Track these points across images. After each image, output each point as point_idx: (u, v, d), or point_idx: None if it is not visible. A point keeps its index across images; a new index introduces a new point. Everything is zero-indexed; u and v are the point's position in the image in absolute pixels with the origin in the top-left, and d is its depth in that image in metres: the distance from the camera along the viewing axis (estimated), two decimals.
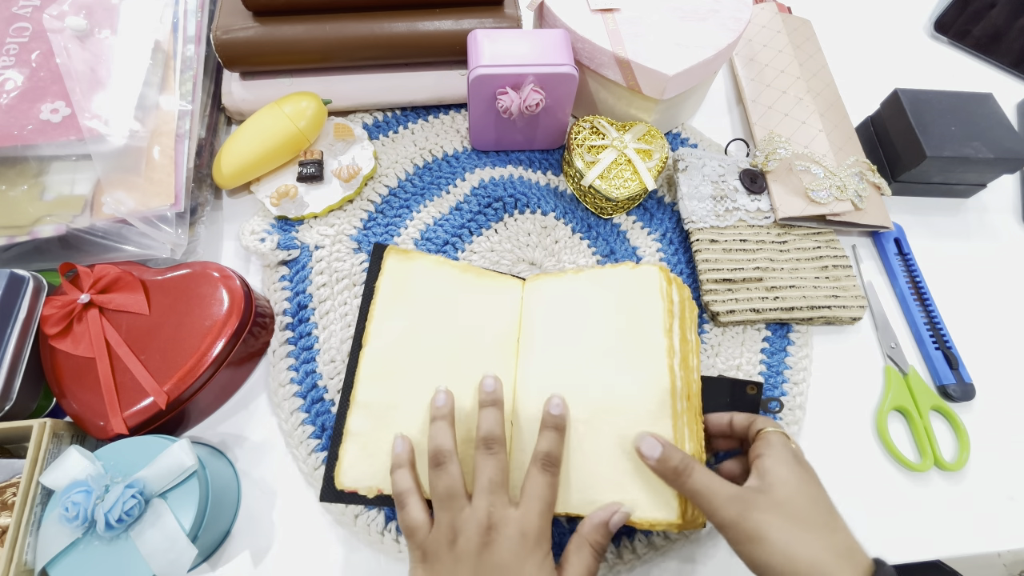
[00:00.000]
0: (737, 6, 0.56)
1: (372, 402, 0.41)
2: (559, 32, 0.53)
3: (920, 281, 0.56)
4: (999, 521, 0.46)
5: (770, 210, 0.55)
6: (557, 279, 0.46)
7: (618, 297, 0.43)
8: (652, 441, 0.36)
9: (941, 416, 0.50)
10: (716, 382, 0.44)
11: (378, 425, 0.41)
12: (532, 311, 0.45)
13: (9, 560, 0.34)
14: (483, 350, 0.44)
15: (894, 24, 0.77)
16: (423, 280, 0.45)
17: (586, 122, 0.55)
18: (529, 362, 0.43)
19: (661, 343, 0.40)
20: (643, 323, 0.41)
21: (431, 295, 0.45)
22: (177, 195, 0.47)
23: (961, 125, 0.57)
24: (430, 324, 0.44)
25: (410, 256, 0.46)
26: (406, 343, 0.43)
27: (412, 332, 0.43)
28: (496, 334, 0.44)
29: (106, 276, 0.43)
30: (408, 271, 0.45)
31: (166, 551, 0.35)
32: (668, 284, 0.42)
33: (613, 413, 0.39)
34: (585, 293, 0.44)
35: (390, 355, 0.43)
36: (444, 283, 0.45)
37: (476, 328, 0.44)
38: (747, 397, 0.44)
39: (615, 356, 0.41)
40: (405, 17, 0.54)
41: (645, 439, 0.36)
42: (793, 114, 0.60)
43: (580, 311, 0.43)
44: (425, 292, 0.45)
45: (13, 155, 0.46)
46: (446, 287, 0.45)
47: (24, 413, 0.42)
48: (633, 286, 0.43)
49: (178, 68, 0.51)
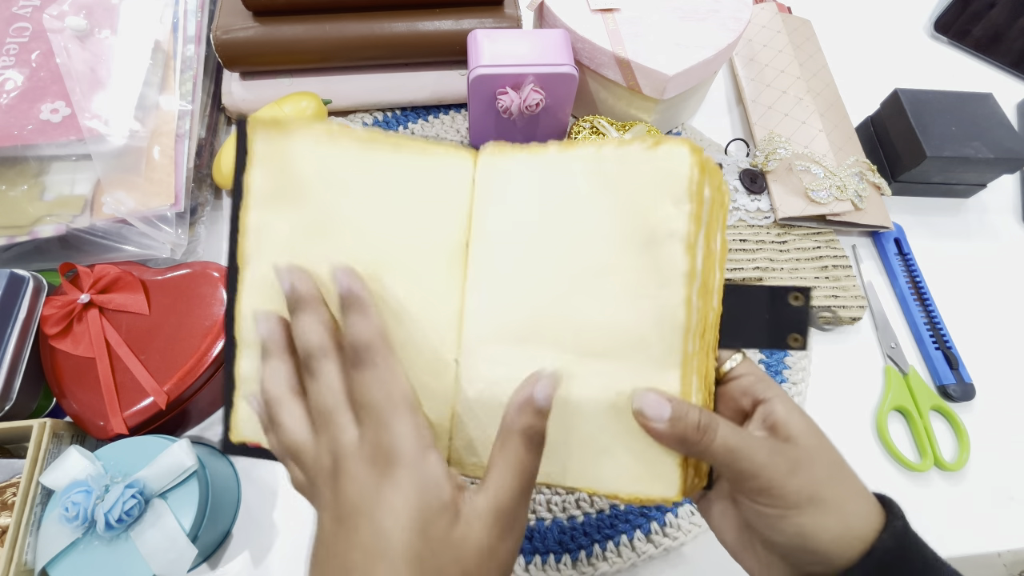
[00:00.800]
0: (737, 6, 0.56)
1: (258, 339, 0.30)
2: (559, 32, 0.52)
3: (920, 281, 0.56)
4: (999, 521, 0.46)
5: (770, 210, 0.55)
6: (532, 157, 0.31)
7: (623, 191, 0.29)
8: (656, 399, 0.27)
9: (941, 416, 0.50)
10: (749, 293, 0.31)
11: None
12: (490, 201, 0.31)
13: (9, 560, 0.34)
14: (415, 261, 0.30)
15: (894, 24, 0.77)
16: (311, 163, 0.31)
17: (586, 122, 0.55)
18: (483, 281, 0.31)
19: (680, 264, 0.28)
20: (657, 232, 0.28)
21: (325, 183, 0.30)
22: (177, 195, 0.47)
23: (961, 125, 0.57)
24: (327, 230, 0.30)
25: (286, 130, 0.30)
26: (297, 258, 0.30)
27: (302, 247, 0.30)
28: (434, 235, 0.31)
29: (106, 276, 0.43)
30: (287, 154, 0.30)
31: (166, 551, 0.35)
32: (701, 175, 0.28)
33: (603, 358, 0.29)
34: (574, 182, 0.30)
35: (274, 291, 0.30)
36: (343, 161, 0.31)
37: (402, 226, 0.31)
38: (789, 311, 0.30)
39: (611, 278, 0.29)
40: (405, 17, 0.54)
41: (647, 397, 0.27)
42: (793, 114, 0.60)
43: (564, 208, 0.30)
44: (316, 181, 0.30)
45: (13, 155, 0.46)
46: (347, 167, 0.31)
47: (24, 413, 0.42)
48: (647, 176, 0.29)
49: (178, 68, 0.51)
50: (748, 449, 0.26)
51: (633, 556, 0.42)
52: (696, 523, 0.43)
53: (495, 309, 0.30)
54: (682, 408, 0.26)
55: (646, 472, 0.28)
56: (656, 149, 0.29)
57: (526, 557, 0.41)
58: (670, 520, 0.43)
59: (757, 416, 0.28)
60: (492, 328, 0.30)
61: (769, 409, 0.28)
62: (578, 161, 0.30)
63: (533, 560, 0.41)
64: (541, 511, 0.43)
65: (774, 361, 0.50)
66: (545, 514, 0.43)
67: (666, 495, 0.28)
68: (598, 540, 0.42)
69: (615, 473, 0.29)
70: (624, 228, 0.29)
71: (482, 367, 0.30)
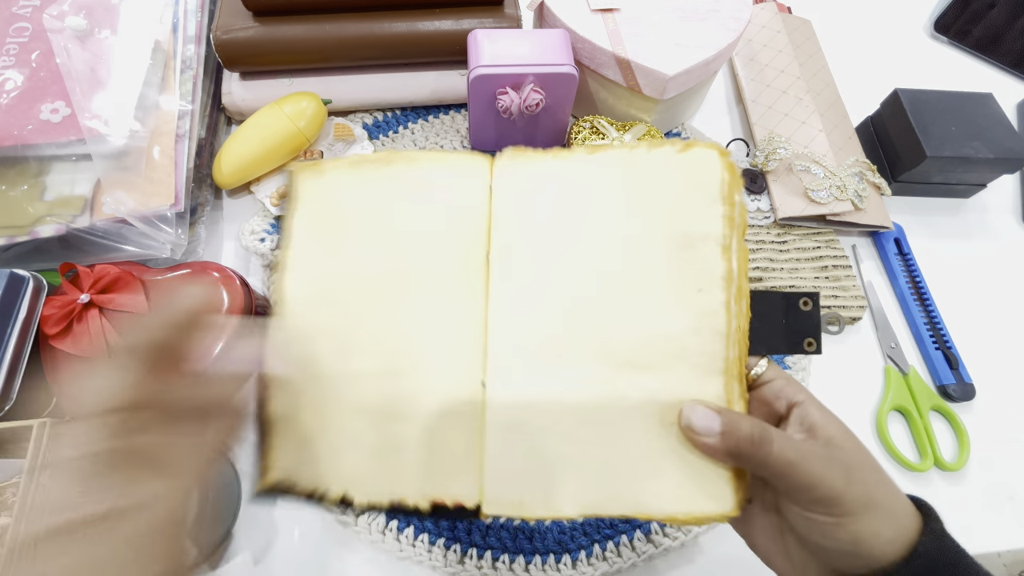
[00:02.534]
0: (737, 6, 0.56)
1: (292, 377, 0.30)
2: (559, 32, 0.52)
3: (920, 281, 0.56)
4: (999, 521, 0.46)
5: (770, 210, 0.55)
6: (555, 160, 0.31)
7: (654, 195, 0.29)
8: (705, 412, 0.26)
9: (941, 416, 0.50)
10: (767, 299, 0.30)
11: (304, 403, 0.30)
12: (510, 210, 0.31)
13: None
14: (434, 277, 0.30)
15: (894, 24, 0.77)
16: (343, 193, 0.31)
17: (586, 122, 0.55)
18: (509, 292, 0.30)
19: (718, 267, 0.28)
20: (691, 235, 0.28)
21: (356, 211, 0.31)
22: (177, 195, 0.47)
23: (961, 125, 0.57)
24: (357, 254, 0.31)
25: (321, 170, 0.32)
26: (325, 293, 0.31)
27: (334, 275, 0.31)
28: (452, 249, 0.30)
29: (106, 276, 0.43)
30: (324, 191, 0.32)
31: None
32: (731, 178, 0.29)
33: (642, 370, 0.28)
34: (602, 186, 0.30)
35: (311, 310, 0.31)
36: (368, 191, 0.31)
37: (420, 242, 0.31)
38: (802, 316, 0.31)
39: (645, 285, 0.29)
40: (405, 17, 0.54)
41: (696, 411, 0.26)
42: (793, 114, 0.60)
43: (593, 214, 0.29)
44: (348, 211, 0.31)
45: (13, 155, 0.46)
46: (373, 190, 0.31)
47: (24, 413, 0.42)
48: (679, 180, 0.29)
49: (178, 68, 0.51)
50: (806, 461, 0.25)
51: (633, 556, 0.42)
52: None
53: (522, 325, 0.29)
54: (733, 420, 0.26)
55: (699, 490, 0.27)
56: (687, 152, 0.29)
57: (526, 557, 0.41)
58: None
59: (794, 419, 0.27)
60: (520, 346, 0.29)
61: (804, 412, 0.27)
62: (606, 166, 0.30)
63: (533, 560, 0.41)
64: None
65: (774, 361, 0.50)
66: None
67: (724, 511, 0.27)
68: (598, 540, 0.42)
69: (668, 494, 0.27)
70: (656, 232, 0.29)
71: (512, 385, 0.29)
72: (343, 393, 0.30)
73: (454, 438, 0.28)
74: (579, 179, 0.30)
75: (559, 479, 0.27)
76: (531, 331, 0.29)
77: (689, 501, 0.27)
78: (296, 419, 0.30)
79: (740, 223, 0.29)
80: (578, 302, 0.29)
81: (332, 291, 0.30)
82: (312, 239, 0.31)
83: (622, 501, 0.27)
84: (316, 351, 0.30)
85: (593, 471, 0.27)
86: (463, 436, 0.28)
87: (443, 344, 0.29)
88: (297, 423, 0.30)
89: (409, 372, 0.29)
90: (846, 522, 0.24)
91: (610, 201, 0.29)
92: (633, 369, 0.28)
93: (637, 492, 0.27)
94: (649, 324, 0.28)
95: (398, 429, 0.29)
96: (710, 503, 0.27)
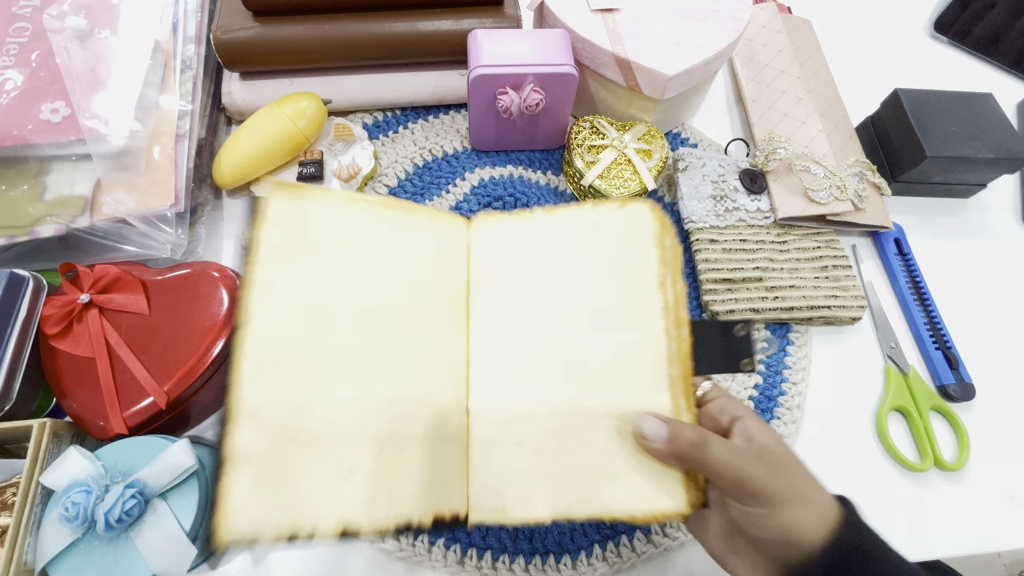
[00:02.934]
0: (737, 6, 0.56)
1: (263, 406, 0.29)
2: (559, 32, 0.53)
3: (920, 281, 0.56)
4: (999, 521, 0.46)
5: (770, 210, 0.55)
6: (520, 221, 0.37)
7: (602, 244, 0.35)
8: (654, 420, 0.30)
9: (941, 416, 0.50)
10: (706, 328, 0.35)
11: (280, 438, 0.29)
12: (485, 260, 0.36)
13: (9, 560, 0.34)
14: (421, 317, 0.33)
15: (894, 24, 0.77)
16: (326, 225, 0.33)
17: (586, 122, 0.55)
18: (485, 327, 0.34)
19: (656, 300, 0.33)
20: (633, 276, 0.34)
21: (339, 245, 0.33)
22: (177, 195, 0.47)
23: (961, 125, 0.57)
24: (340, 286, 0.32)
25: (303, 193, 0.33)
26: (308, 316, 0.31)
27: (315, 299, 0.31)
28: (437, 293, 0.34)
29: (106, 276, 0.43)
30: (302, 215, 0.32)
31: (166, 551, 0.35)
32: (661, 228, 0.35)
33: (601, 387, 0.33)
34: (559, 238, 0.36)
35: (285, 336, 0.30)
36: (356, 227, 0.33)
37: (408, 285, 0.33)
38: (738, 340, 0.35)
39: (600, 318, 0.34)
40: (405, 17, 0.54)
41: (646, 420, 0.30)
42: (793, 114, 0.60)
43: (552, 261, 0.35)
44: (329, 241, 0.32)
45: (13, 155, 0.46)
46: (360, 232, 0.33)
47: (24, 413, 0.42)
48: (620, 230, 0.35)
49: (178, 68, 0.51)
50: (738, 460, 0.29)
51: (633, 556, 0.42)
52: None
53: (499, 358, 0.34)
54: (678, 427, 0.30)
55: (656, 490, 0.31)
56: (625, 208, 0.35)
57: (526, 557, 0.42)
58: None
59: (736, 431, 0.31)
60: (496, 372, 0.33)
61: (744, 424, 0.31)
62: (562, 222, 0.36)
63: (533, 560, 0.41)
64: None
65: (774, 361, 0.50)
66: None
67: (677, 509, 0.30)
68: (598, 540, 0.42)
69: (628, 496, 0.30)
70: (606, 274, 0.35)
71: (491, 407, 0.32)
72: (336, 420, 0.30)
73: (449, 457, 0.31)
74: (542, 235, 0.36)
75: (533, 486, 0.31)
76: (505, 359, 0.34)
77: (647, 501, 0.30)
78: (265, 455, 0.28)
79: (673, 263, 0.34)
80: (544, 333, 0.34)
81: (311, 315, 0.31)
82: (284, 261, 0.32)
83: (588, 503, 0.30)
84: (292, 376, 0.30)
85: (562, 478, 0.31)
86: (455, 454, 0.32)
87: (433, 372, 0.33)
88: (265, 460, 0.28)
89: (406, 399, 0.31)
90: (775, 512, 0.28)
91: (565, 250, 0.35)
92: (592, 388, 0.33)
93: (601, 495, 0.31)
94: (603, 348, 0.33)
95: (400, 453, 0.30)
96: (665, 502, 0.30)
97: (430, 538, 0.42)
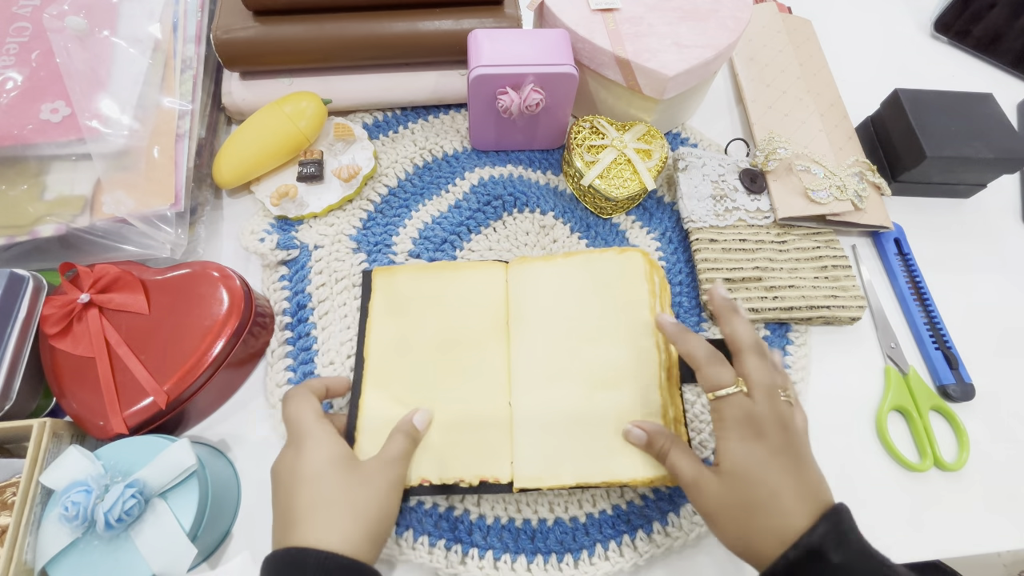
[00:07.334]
0: (737, 6, 0.56)
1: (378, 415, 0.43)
2: (559, 32, 0.53)
3: (920, 281, 0.56)
4: (999, 521, 0.46)
5: (770, 210, 0.55)
6: (545, 264, 0.48)
7: (606, 280, 0.47)
8: (638, 431, 0.40)
9: (941, 416, 0.50)
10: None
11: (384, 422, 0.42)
12: (520, 294, 0.47)
13: (9, 560, 0.34)
14: (475, 338, 0.46)
15: (894, 24, 0.77)
16: (408, 288, 0.48)
17: (586, 122, 0.55)
18: (522, 343, 0.45)
19: (648, 322, 0.44)
20: (631, 304, 0.45)
21: (417, 299, 0.47)
22: (177, 195, 0.47)
23: (961, 125, 0.57)
24: (421, 326, 0.46)
25: (393, 271, 0.49)
26: (400, 349, 0.45)
27: (405, 337, 0.46)
28: (486, 320, 0.47)
29: (106, 276, 0.43)
30: (394, 284, 0.48)
31: (166, 551, 0.35)
32: (650, 268, 0.47)
33: (609, 388, 0.43)
34: (574, 276, 0.47)
35: (387, 365, 0.45)
36: (427, 284, 0.48)
37: (465, 318, 0.47)
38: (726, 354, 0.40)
39: (607, 335, 0.45)
40: (405, 17, 0.54)
41: (632, 430, 0.40)
42: (793, 114, 0.60)
43: (570, 293, 0.47)
44: (412, 298, 0.47)
45: (13, 155, 0.46)
46: (429, 287, 0.48)
47: (24, 413, 0.42)
48: (620, 270, 0.47)
49: (178, 68, 0.51)
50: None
51: (635, 556, 0.42)
52: (697, 523, 0.43)
53: (532, 365, 0.44)
54: (652, 437, 0.40)
55: (648, 464, 0.40)
56: (623, 254, 0.47)
57: (528, 557, 0.41)
58: (672, 520, 0.43)
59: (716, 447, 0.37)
60: (531, 377, 0.44)
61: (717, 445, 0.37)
62: (576, 264, 0.48)
63: (535, 560, 0.41)
64: (543, 511, 0.43)
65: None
66: (547, 514, 0.43)
67: (662, 474, 0.40)
68: (600, 540, 0.42)
69: (630, 466, 0.40)
70: (610, 302, 0.46)
71: (528, 403, 0.43)
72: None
73: (494, 437, 0.42)
74: (562, 273, 0.48)
75: (561, 460, 0.41)
76: (536, 366, 0.44)
77: (643, 470, 0.40)
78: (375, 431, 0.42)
79: (661, 292, 0.46)
80: (564, 347, 0.45)
81: (403, 348, 0.45)
82: (384, 315, 0.47)
83: (601, 472, 0.40)
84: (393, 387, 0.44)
85: (581, 453, 0.41)
86: (499, 436, 0.42)
87: (485, 378, 0.44)
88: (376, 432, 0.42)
89: (464, 399, 0.44)
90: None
91: (579, 285, 0.47)
92: (603, 387, 0.43)
93: (610, 466, 0.40)
94: (609, 358, 0.44)
95: (458, 435, 0.42)
96: (656, 472, 0.40)
97: (430, 540, 0.42)
